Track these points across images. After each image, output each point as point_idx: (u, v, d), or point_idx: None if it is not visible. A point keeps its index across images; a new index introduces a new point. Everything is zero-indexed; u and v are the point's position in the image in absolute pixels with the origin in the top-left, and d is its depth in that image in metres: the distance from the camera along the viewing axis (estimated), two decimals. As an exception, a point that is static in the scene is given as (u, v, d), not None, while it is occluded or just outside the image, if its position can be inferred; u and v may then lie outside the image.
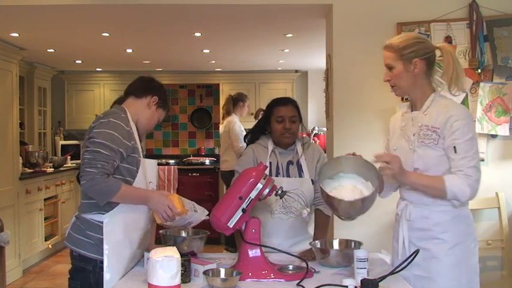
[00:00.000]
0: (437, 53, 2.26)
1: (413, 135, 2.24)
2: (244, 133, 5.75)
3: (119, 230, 2.23)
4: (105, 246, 2.19)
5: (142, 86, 2.48)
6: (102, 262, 2.20)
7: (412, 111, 2.31)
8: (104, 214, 2.22)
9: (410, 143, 2.24)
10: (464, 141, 2.12)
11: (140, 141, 2.41)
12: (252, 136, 2.90)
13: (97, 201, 2.20)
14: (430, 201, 2.21)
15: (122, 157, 2.24)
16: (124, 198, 2.22)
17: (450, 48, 2.30)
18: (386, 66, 2.24)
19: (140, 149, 2.36)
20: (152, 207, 2.30)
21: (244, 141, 2.99)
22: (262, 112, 5.88)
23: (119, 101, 2.60)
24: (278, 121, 2.73)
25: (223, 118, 6.37)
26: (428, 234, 2.21)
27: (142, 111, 2.44)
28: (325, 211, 2.74)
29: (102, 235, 2.21)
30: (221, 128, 6.35)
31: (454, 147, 2.13)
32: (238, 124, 6.14)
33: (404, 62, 2.18)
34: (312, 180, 2.75)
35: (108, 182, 2.16)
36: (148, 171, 2.39)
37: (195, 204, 2.46)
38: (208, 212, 2.45)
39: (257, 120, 3.06)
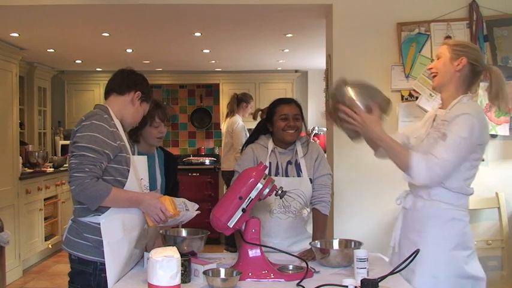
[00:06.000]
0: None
1: (431, 127, 2.29)
2: (248, 134, 5.64)
3: (117, 230, 2.22)
4: (105, 247, 2.17)
5: (124, 81, 2.38)
6: (101, 264, 2.19)
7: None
8: (100, 215, 2.20)
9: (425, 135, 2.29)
10: (456, 136, 2.12)
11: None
12: (251, 137, 2.90)
13: (88, 205, 2.17)
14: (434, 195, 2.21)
15: (109, 158, 2.21)
16: (115, 202, 2.19)
17: (498, 70, 2.34)
18: (437, 57, 2.34)
19: (128, 147, 2.32)
20: (144, 210, 2.27)
21: (243, 148, 2.92)
22: (260, 112, 5.88)
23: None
24: (282, 119, 2.73)
25: (227, 117, 6.24)
26: (418, 228, 2.24)
27: (126, 108, 2.37)
28: (322, 210, 2.74)
29: (100, 237, 2.19)
30: (224, 127, 6.25)
31: (445, 134, 2.14)
32: (242, 125, 6.01)
33: (452, 55, 2.27)
34: (310, 180, 2.75)
35: (98, 185, 2.13)
36: (139, 168, 2.37)
37: (186, 201, 2.43)
38: (198, 206, 2.44)
39: (257, 123, 3.06)
